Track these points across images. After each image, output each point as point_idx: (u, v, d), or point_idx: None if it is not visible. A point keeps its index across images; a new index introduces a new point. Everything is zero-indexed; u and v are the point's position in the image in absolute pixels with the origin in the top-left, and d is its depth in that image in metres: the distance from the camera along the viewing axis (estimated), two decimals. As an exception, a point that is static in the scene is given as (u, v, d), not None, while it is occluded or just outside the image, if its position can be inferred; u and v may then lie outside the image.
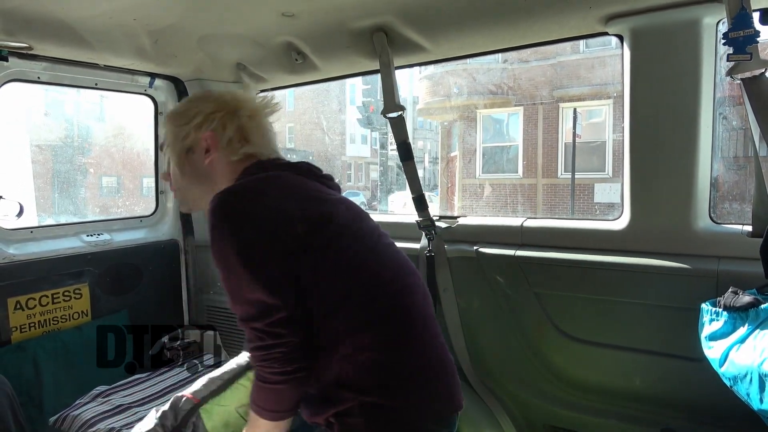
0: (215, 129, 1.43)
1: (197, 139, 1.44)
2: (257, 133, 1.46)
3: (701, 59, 1.66)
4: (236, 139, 1.43)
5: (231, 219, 1.26)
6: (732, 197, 6.29)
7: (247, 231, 1.25)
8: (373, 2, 1.78)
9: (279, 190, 1.33)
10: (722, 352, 1.49)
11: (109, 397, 2.12)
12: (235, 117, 1.45)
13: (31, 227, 2.35)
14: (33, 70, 2.21)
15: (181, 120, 1.46)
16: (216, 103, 1.46)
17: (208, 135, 1.43)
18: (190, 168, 1.47)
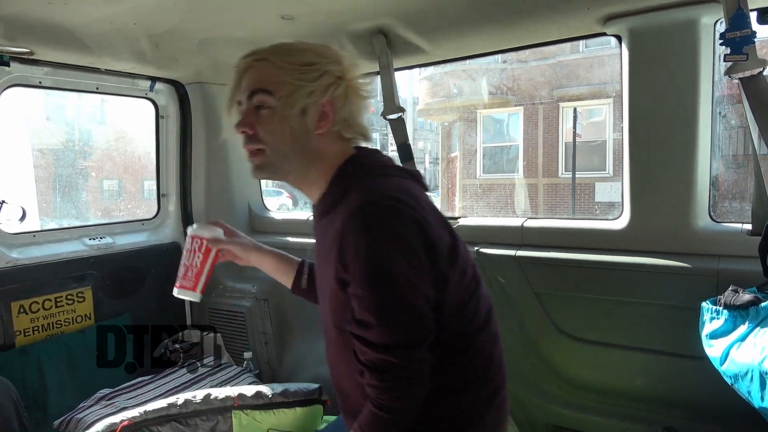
0: (336, 98, 1.23)
1: (317, 102, 1.22)
2: (364, 116, 1.30)
3: (699, 59, 1.67)
4: (349, 115, 1.26)
5: (402, 231, 1.11)
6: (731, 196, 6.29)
7: (413, 247, 1.11)
8: (373, 5, 1.79)
9: (426, 206, 1.21)
10: (723, 351, 1.49)
11: (112, 400, 2.13)
12: (353, 91, 1.26)
13: (34, 231, 2.36)
14: (34, 75, 2.22)
15: (310, 74, 1.21)
16: (343, 69, 1.25)
17: (328, 101, 1.22)
18: (299, 131, 1.23)
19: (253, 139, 1.24)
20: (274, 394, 1.84)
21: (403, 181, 1.23)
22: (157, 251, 2.77)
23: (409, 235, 1.11)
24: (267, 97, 1.21)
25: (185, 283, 1.50)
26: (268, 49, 1.26)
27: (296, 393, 1.88)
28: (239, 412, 1.78)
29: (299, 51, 1.24)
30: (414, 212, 1.13)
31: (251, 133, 1.24)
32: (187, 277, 1.50)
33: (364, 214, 1.11)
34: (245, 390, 1.83)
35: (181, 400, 1.75)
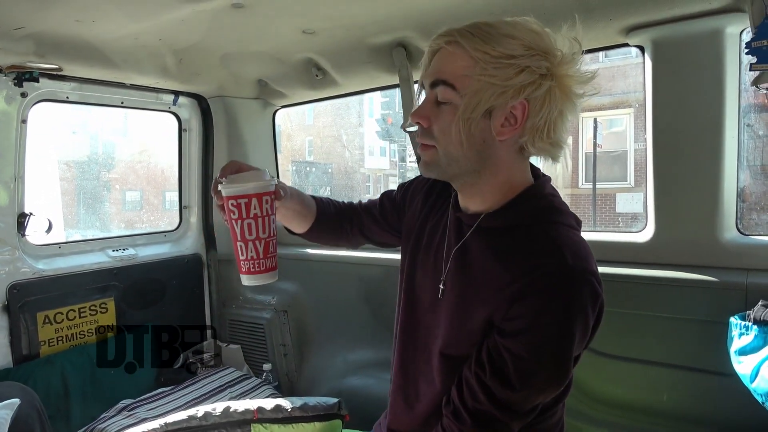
0: (533, 101, 1.03)
1: (507, 104, 1.02)
2: (564, 128, 1.09)
3: (724, 69, 1.64)
4: (545, 126, 1.05)
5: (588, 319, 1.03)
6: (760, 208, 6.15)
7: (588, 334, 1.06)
8: (393, 18, 1.80)
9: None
10: (753, 368, 1.45)
11: (134, 411, 2.15)
12: (561, 93, 1.05)
13: (60, 243, 2.41)
14: (62, 90, 2.27)
15: (506, 70, 1.01)
16: (549, 63, 1.03)
17: (521, 104, 1.03)
18: (478, 134, 1.05)
19: (427, 133, 1.10)
20: (293, 408, 1.83)
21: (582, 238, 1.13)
22: (179, 263, 2.80)
23: (591, 321, 1.04)
24: (449, 92, 1.04)
25: (268, 262, 1.16)
26: (464, 28, 1.05)
27: (315, 407, 1.86)
28: (258, 425, 1.78)
29: (501, 37, 1.02)
30: (601, 297, 1.05)
31: (426, 126, 1.09)
32: (268, 254, 1.16)
33: (562, 282, 1.01)
34: (264, 403, 1.83)
35: (201, 412, 1.75)
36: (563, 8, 1.65)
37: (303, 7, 1.72)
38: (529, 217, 1.11)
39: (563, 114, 1.07)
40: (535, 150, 1.09)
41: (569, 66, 1.06)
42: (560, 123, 1.07)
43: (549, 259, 1.02)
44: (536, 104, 1.03)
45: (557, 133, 1.07)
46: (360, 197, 1.70)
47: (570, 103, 1.07)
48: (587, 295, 1.02)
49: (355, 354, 2.52)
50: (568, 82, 1.06)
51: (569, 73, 1.06)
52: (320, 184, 23.01)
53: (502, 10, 1.66)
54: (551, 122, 1.05)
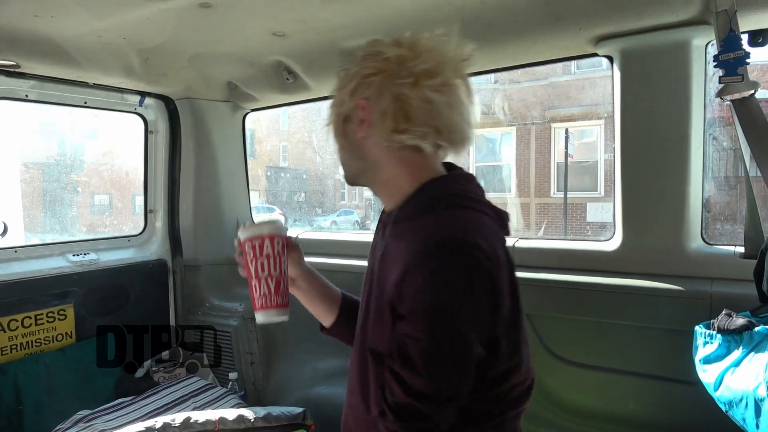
0: (369, 97, 1.11)
1: (352, 108, 1.14)
2: (425, 110, 1.08)
3: (691, 80, 1.67)
4: (392, 115, 1.09)
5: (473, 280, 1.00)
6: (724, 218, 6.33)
7: (479, 304, 1.01)
8: (364, 23, 1.78)
9: (504, 260, 1.08)
10: (717, 376, 1.47)
11: (91, 422, 2.06)
12: (393, 83, 1.09)
13: (15, 247, 2.31)
14: (21, 88, 2.19)
15: (339, 83, 1.17)
16: (378, 62, 1.11)
17: (362, 103, 1.12)
18: (344, 139, 1.20)
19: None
20: (256, 419, 1.79)
21: (485, 219, 1.11)
22: (143, 268, 2.72)
23: (478, 285, 1.00)
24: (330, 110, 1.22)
25: (279, 299, 1.25)
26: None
27: (279, 417, 1.82)
28: None
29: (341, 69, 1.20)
30: (487, 259, 1.01)
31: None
32: (280, 291, 1.25)
33: (438, 252, 1.00)
34: (227, 414, 1.78)
35: (160, 423, 1.69)
36: (533, 16, 1.66)
37: (273, 8, 1.69)
38: (426, 204, 1.12)
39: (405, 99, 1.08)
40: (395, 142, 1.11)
41: (396, 56, 1.10)
42: (410, 110, 1.08)
43: (430, 236, 1.03)
44: (373, 99, 1.11)
45: (410, 120, 1.08)
46: (334, 203, 1.68)
47: (410, 86, 1.08)
48: (467, 266, 1.00)
49: (324, 362, 2.47)
50: (395, 69, 1.09)
51: (396, 60, 1.10)
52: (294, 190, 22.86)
53: (473, 17, 1.66)
54: (394, 111, 1.09)
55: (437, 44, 1.11)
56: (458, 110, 1.12)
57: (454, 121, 1.11)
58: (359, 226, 19.77)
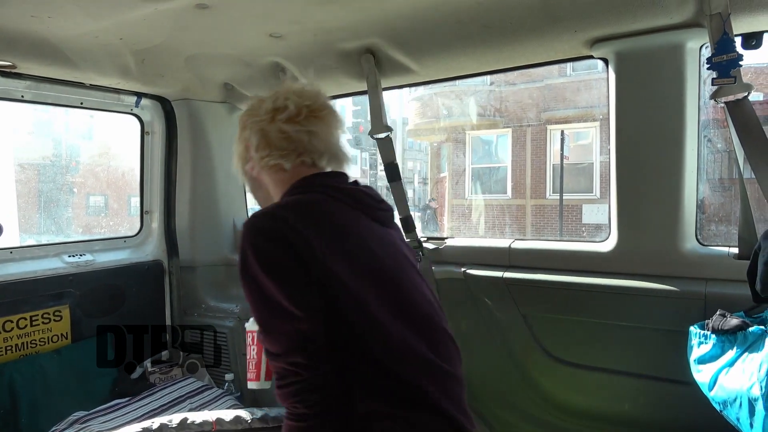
0: (248, 137, 1.39)
1: (241, 149, 1.43)
2: (280, 140, 1.34)
3: (685, 83, 1.68)
4: (261, 146, 1.36)
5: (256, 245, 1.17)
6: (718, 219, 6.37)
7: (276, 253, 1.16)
8: (361, 24, 1.79)
9: (312, 219, 1.22)
10: (711, 376, 1.48)
11: (86, 424, 2.06)
12: (255, 122, 1.37)
13: (11, 248, 2.30)
14: (17, 88, 2.18)
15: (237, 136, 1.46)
16: (248, 108, 1.42)
17: (243, 146, 1.41)
18: (247, 178, 1.47)
19: None
20: (253, 419, 1.79)
21: (305, 196, 1.29)
22: (139, 269, 2.71)
23: (266, 244, 1.17)
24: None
25: (250, 375, 1.60)
26: None
27: (276, 418, 1.82)
28: None
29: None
30: (275, 222, 1.18)
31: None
32: (250, 369, 1.61)
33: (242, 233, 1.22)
34: (224, 414, 1.78)
35: (156, 424, 1.69)
36: (530, 18, 1.67)
37: (269, 10, 1.69)
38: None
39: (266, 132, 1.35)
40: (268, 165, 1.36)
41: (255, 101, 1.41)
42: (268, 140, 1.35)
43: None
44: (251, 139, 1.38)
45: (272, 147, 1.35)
46: None
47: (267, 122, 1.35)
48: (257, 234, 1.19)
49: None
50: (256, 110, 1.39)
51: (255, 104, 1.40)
52: (290, 192, 22.70)
53: (469, 19, 1.67)
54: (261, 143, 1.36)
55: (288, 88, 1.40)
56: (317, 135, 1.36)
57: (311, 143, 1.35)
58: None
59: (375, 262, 1.25)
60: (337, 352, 1.14)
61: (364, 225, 1.31)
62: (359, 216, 1.31)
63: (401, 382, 1.17)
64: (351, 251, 1.22)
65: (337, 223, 1.25)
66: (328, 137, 1.38)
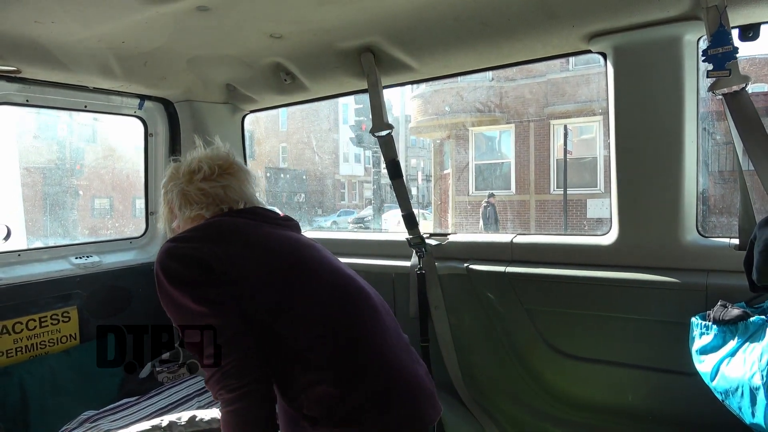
0: (171, 200, 1.60)
1: (167, 212, 1.64)
2: (199, 195, 1.56)
3: (683, 75, 1.69)
4: (183, 204, 1.57)
5: (164, 264, 1.39)
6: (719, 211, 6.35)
7: (179, 268, 1.37)
8: (361, 23, 1.80)
9: (203, 233, 1.44)
10: (713, 366, 1.49)
11: (96, 423, 2.08)
12: (176, 184, 1.59)
13: (19, 250, 2.33)
14: (22, 93, 2.20)
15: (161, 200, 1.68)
16: (168, 176, 1.64)
17: (168, 208, 1.63)
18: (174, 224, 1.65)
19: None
20: None
21: (209, 220, 1.51)
22: (146, 270, 2.74)
23: (172, 265, 1.37)
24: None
25: None
26: None
27: None
28: None
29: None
30: (185, 245, 1.39)
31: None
32: None
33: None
34: None
35: (166, 422, 1.71)
36: (527, 14, 1.68)
37: (269, 11, 1.71)
38: None
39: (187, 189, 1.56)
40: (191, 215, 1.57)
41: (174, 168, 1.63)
42: (180, 201, 1.58)
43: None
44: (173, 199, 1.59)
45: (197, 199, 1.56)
46: (334, 204, 1.81)
47: (176, 189, 1.58)
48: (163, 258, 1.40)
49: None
50: (175, 176, 1.60)
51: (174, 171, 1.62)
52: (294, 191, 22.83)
53: (467, 16, 1.68)
54: (186, 198, 1.57)
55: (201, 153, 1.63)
56: (231, 188, 1.57)
57: (227, 194, 1.56)
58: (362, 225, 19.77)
59: (276, 254, 1.44)
60: (248, 337, 1.32)
61: (265, 230, 1.51)
62: (260, 224, 1.52)
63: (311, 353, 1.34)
64: (252, 249, 1.42)
65: (239, 231, 1.46)
66: (242, 188, 1.59)
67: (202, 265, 1.36)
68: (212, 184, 1.56)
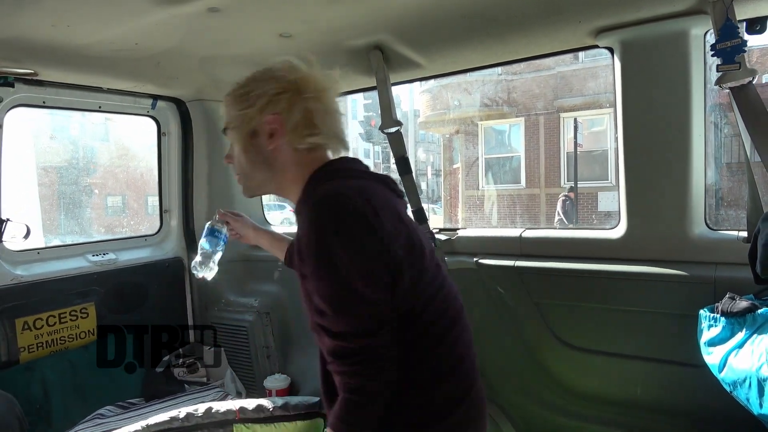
0: (281, 112, 1.32)
1: (261, 123, 1.33)
2: (325, 118, 1.35)
3: (690, 69, 1.69)
4: (303, 124, 1.32)
5: (348, 223, 1.16)
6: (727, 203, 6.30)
7: (357, 238, 1.16)
8: (369, 21, 1.82)
9: (382, 204, 1.23)
10: (721, 358, 1.50)
11: (108, 419, 2.14)
12: (301, 99, 1.32)
13: (38, 248, 2.39)
14: (38, 95, 2.26)
15: (244, 104, 1.35)
16: (279, 83, 1.34)
17: (272, 118, 1.32)
18: (254, 153, 1.37)
19: (233, 167, 1.44)
20: (275, 407, 1.85)
21: (364, 181, 1.29)
22: (160, 267, 2.79)
23: (354, 226, 1.16)
24: (228, 132, 1.41)
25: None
26: (231, 90, 1.42)
27: (297, 406, 1.88)
28: (240, 425, 1.79)
29: (243, 83, 1.39)
30: (361, 205, 1.18)
31: (231, 162, 1.44)
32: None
33: (314, 209, 1.20)
34: (246, 403, 1.84)
35: (183, 413, 1.76)
36: (534, 10, 1.69)
37: (279, 10, 1.74)
38: (312, 186, 1.32)
39: (313, 111, 1.32)
40: (305, 144, 1.33)
41: (304, 78, 1.35)
42: (315, 119, 1.32)
43: (309, 204, 1.24)
44: (284, 113, 1.31)
45: (316, 127, 1.33)
46: None
47: (315, 102, 1.33)
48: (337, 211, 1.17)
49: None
50: (306, 89, 1.33)
51: (305, 82, 1.34)
52: (304, 187, 22.75)
53: (474, 13, 1.70)
54: (304, 121, 1.32)
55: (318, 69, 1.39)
56: (340, 118, 1.40)
57: (340, 125, 1.39)
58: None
59: (421, 245, 1.28)
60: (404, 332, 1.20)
61: (404, 210, 1.37)
62: (398, 201, 1.36)
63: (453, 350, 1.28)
64: (407, 236, 1.24)
65: (393, 210, 1.26)
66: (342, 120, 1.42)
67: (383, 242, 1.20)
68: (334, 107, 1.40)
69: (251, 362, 2.77)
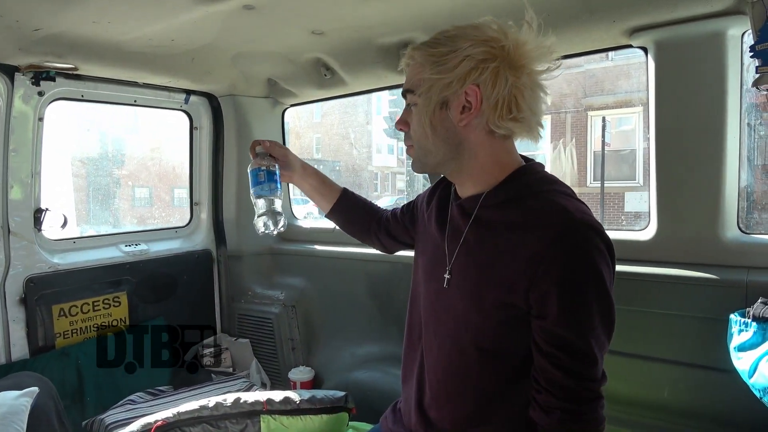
0: (483, 83, 1.10)
1: (459, 92, 1.11)
2: (533, 100, 1.13)
3: (726, 70, 1.66)
4: (507, 103, 1.10)
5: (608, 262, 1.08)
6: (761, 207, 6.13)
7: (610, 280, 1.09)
8: (401, 19, 1.84)
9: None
10: (751, 363, 1.48)
11: (138, 405, 2.20)
12: (512, 71, 1.10)
13: (74, 238, 2.47)
14: (78, 89, 2.33)
15: (443, 65, 1.11)
16: (490, 48, 1.10)
17: (471, 89, 1.10)
18: (440, 126, 1.16)
19: (407, 135, 1.24)
20: (301, 401, 1.88)
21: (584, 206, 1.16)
22: (190, 258, 2.85)
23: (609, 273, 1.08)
24: (411, 96, 1.19)
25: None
26: (421, 43, 1.19)
27: (323, 400, 1.91)
28: (267, 416, 1.83)
29: (444, 39, 1.14)
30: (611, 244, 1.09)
31: (405, 130, 1.24)
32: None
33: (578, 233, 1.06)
34: (274, 395, 1.88)
35: (212, 402, 1.80)
36: (568, 10, 1.68)
37: (312, 8, 1.76)
38: (528, 187, 1.16)
39: (521, 89, 1.11)
40: (503, 129, 1.13)
41: (517, 45, 1.11)
42: (521, 98, 1.11)
43: (557, 219, 1.07)
44: (486, 86, 1.09)
45: (520, 109, 1.11)
46: (368, 195, 1.80)
47: (527, 77, 1.11)
48: (597, 240, 1.06)
49: (362, 348, 2.56)
50: (518, 59, 1.10)
51: (518, 50, 1.11)
52: (328, 182, 22.95)
53: (506, 12, 1.69)
54: (508, 99, 1.10)
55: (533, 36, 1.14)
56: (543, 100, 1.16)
57: (542, 110, 1.15)
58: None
59: None
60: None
61: None
62: None
63: None
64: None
65: None
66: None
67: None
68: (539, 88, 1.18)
69: (276, 354, 2.82)
